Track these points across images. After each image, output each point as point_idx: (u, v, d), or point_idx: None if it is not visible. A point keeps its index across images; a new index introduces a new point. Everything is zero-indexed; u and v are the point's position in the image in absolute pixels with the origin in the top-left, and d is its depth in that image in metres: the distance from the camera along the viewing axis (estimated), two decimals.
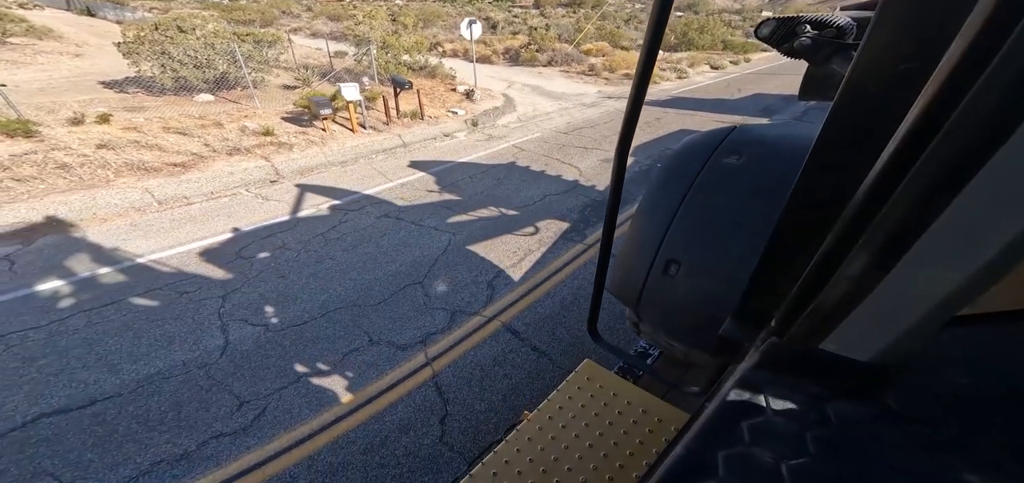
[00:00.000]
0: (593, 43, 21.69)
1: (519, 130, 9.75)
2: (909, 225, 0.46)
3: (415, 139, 8.77)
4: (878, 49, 0.59)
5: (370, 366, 3.28)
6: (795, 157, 1.47)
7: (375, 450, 2.67)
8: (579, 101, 12.81)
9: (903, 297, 0.50)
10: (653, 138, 8.95)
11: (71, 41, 17.42)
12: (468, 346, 3.47)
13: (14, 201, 4.83)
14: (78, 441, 2.63)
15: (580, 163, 7.44)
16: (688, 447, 0.57)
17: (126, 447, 2.61)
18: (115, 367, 3.13)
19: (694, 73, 17.82)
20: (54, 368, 3.10)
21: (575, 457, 1.34)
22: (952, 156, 0.40)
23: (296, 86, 11.00)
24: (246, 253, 4.66)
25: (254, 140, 7.20)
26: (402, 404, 2.98)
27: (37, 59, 12.85)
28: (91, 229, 4.92)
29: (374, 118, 9.32)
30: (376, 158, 7.82)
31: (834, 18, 1.23)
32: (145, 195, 5.42)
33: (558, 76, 17.12)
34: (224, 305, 3.84)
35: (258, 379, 3.12)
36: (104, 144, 5.88)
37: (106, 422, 2.74)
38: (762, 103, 12.25)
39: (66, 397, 2.89)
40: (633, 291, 1.72)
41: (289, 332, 3.57)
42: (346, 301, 3.94)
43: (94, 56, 14.98)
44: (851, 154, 0.65)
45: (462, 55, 21.25)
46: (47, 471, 2.45)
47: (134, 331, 3.48)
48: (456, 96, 12.15)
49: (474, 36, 11.53)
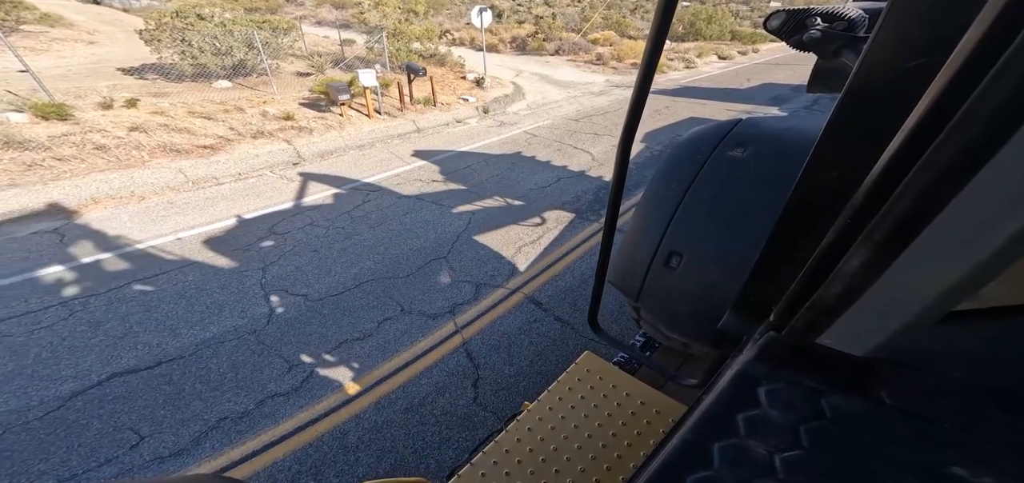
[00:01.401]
0: (600, 32, 21.67)
1: (530, 117, 9.91)
2: (910, 221, 0.46)
3: (429, 125, 8.95)
4: (887, 45, 0.59)
5: (404, 333, 3.52)
6: (801, 151, 1.51)
7: (415, 409, 2.90)
8: (587, 90, 12.91)
9: (900, 293, 0.51)
10: (664, 125, 9.10)
11: (82, 28, 17.56)
12: (494, 316, 3.71)
13: (58, 179, 5.09)
14: (150, 399, 2.88)
15: (592, 148, 7.63)
16: (684, 438, 0.59)
17: (194, 405, 2.86)
18: (174, 331, 3.39)
19: (702, 63, 17.83)
20: (118, 332, 3.36)
21: (574, 447, 1.37)
22: (955, 153, 0.40)
23: (309, 73, 11.17)
24: (279, 229, 4.91)
25: (276, 124, 7.41)
26: (436, 368, 3.22)
27: (53, 46, 13.03)
28: (131, 206, 5.17)
29: (387, 104, 9.50)
30: (392, 143, 8.02)
31: (845, 10, 1.21)
32: (178, 175, 5.66)
33: (566, 65, 17.17)
34: (264, 276, 4.10)
35: (304, 344, 3.37)
36: (136, 127, 6.11)
37: (173, 381, 3.00)
38: (772, 92, 12.32)
39: (134, 358, 3.15)
40: (635, 282, 1.72)
41: (327, 301, 3.82)
42: (376, 274, 4.19)
43: (107, 43, 15.15)
44: (856, 149, 0.65)
45: (468, 43, 21.29)
46: (127, 426, 2.70)
47: (187, 299, 3.74)
48: (466, 84, 12.28)
49: (484, 24, 11.63)
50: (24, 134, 5.49)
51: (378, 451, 2.64)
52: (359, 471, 2.52)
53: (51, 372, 3.01)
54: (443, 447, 2.66)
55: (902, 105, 0.49)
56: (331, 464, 2.55)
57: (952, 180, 0.41)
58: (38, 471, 2.41)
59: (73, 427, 2.66)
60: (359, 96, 8.95)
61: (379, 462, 2.58)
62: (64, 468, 2.44)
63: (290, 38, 10.75)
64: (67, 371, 3.02)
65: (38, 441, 2.57)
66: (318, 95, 8.94)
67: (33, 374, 2.99)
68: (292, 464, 2.54)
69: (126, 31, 18.99)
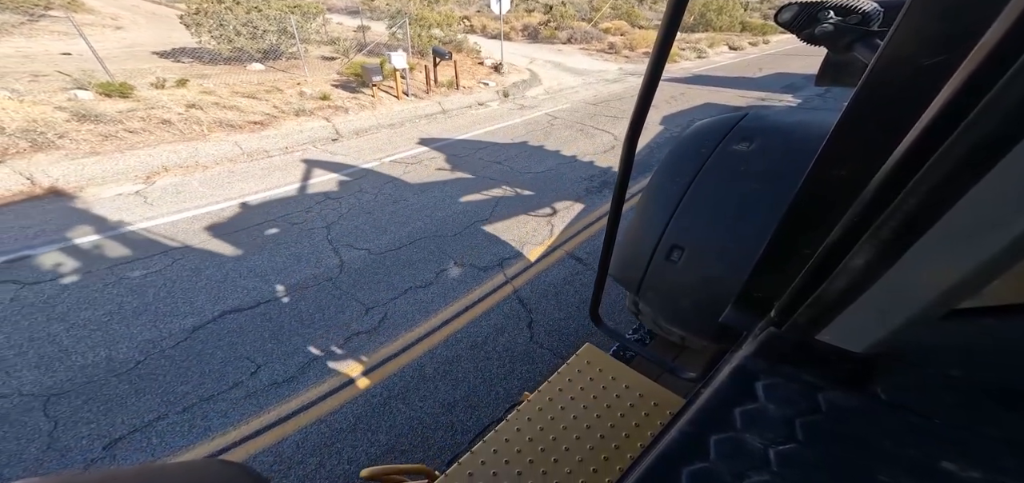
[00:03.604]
0: (611, 22, 21.87)
1: (549, 101, 10.28)
2: (919, 218, 0.45)
3: (453, 107, 9.35)
4: (905, 41, 0.58)
5: (460, 283, 3.97)
6: (807, 145, 1.44)
7: (479, 347, 3.30)
8: (601, 77, 13.23)
9: (903, 290, 0.50)
10: (681, 109, 9.48)
11: (104, 14, 17.90)
12: (539, 269, 4.16)
13: (133, 148, 5.56)
14: (257, 333, 3.31)
15: (613, 129, 8.03)
16: (682, 430, 0.59)
17: (293, 339, 3.29)
18: (264, 277, 3.86)
19: (713, 53, 18.07)
20: (218, 278, 3.83)
21: (573, 437, 1.39)
22: (970, 151, 0.39)
23: (333, 57, 11.55)
24: (332, 195, 5.36)
25: (314, 104, 7.84)
26: (493, 312, 3.66)
27: (84, 31, 13.39)
28: (197, 174, 5.64)
29: (413, 87, 9.89)
30: (420, 122, 8.44)
31: (859, 4, 1.19)
32: (235, 148, 6.12)
33: (578, 53, 17.43)
34: (329, 234, 4.55)
35: (375, 290, 3.82)
36: (192, 105, 6.56)
37: (272, 319, 3.45)
38: (785, 81, 12.64)
39: (236, 299, 3.61)
40: (635, 275, 1.72)
41: (387, 255, 4.27)
42: (427, 233, 4.64)
43: (133, 28, 15.52)
44: (868, 145, 0.64)
45: (480, 31, 21.51)
46: (244, 355, 3.13)
47: (268, 251, 4.21)
48: (484, 69, 12.63)
49: (503, 11, 11.97)
50: (97, 109, 5.95)
51: (452, 381, 3.02)
52: (439, 397, 2.90)
53: (170, 309, 3.48)
54: (508, 378, 3.05)
55: (918, 102, 0.49)
56: (415, 391, 2.93)
57: (964, 178, 0.40)
58: (182, 392, 2.83)
59: (201, 355, 3.10)
60: (388, 78, 9.35)
61: (454, 389, 2.96)
62: (201, 390, 2.85)
63: (317, 23, 11.11)
64: (184, 308, 3.49)
65: (176, 366, 3.01)
66: (348, 77, 9.35)
67: (156, 311, 3.46)
68: (382, 391, 2.93)
69: (146, 16, 19.35)
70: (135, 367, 2.97)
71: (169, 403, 2.75)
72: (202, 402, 2.77)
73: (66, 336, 3.18)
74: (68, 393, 2.77)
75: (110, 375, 2.91)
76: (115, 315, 3.38)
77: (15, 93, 6.18)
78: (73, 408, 2.68)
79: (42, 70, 8.09)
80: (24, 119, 5.45)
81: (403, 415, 2.78)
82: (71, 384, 2.83)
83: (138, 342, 3.16)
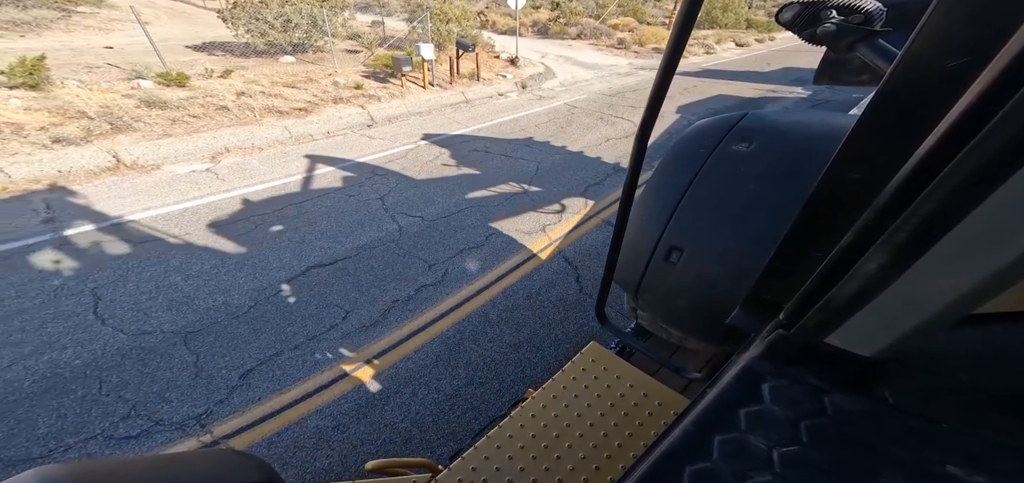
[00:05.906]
0: (619, 18, 22.26)
1: (565, 92, 10.73)
2: (935, 224, 0.44)
3: (476, 97, 9.81)
4: (928, 44, 0.55)
5: (508, 244, 4.42)
6: (807, 145, 1.48)
7: (534, 297, 3.74)
8: (613, 71, 13.66)
9: (915, 296, 0.50)
10: (696, 100, 9.94)
11: (125, 9, 18.38)
12: (580, 233, 4.62)
13: (198, 131, 6.05)
14: (340, 285, 3.77)
15: (632, 117, 8.48)
16: (686, 430, 0.59)
17: (371, 291, 3.73)
18: (337, 239, 4.33)
19: (721, 49, 18.47)
20: (296, 239, 4.31)
21: (576, 434, 1.39)
22: (990, 157, 0.38)
23: (358, 50, 12.01)
24: (379, 171, 5.84)
25: (349, 93, 8.32)
26: (543, 268, 4.11)
27: (114, 26, 13.90)
28: (255, 155, 6.13)
29: (437, 78, 10.35)
30: (446, 111, 8.90)
31: (862, 3, 1.18)
32: (284, 131, 6.60)
33: (588, 49, 17.84)
34: (384, 204, 5.03)
35: (433, 251, 4.28)
36: (242, 93, 7.04)
37: (350, 274, 3.90)
38: (793, 75, 13.05)
39: (317, 257, 4.08)
40: (634, 276, 1.71)
41: (438, 222, 4.73)
42: (471, 203, 5.11)
43: (158, 24, 15.98)
44: (887, 148, 0.63)
45: (490, 27, 21.93)
46: (333, 303, 3.58)
47: (333, 217, 4.69)
48: (500, 63, 13.08)
49: (518, 7, 12.48)
50: (162, 96, 6.44)
51: (515, 325, 3.44)
52: (505, 339, 3.29)
53: (265, 264, 3.96)
54: (565, 323, 3.47)
55: (939, 105, 0.48)
56: (483, 333, 3.35)
57: (983, 184, 0.39)
58: (290, 332, 3.27)
59: (299, 303, 3.55)
60: (415, 69, 9.82)
61: (518, 332, 3.36)
62: (304, 332, 3.27)
63: (343, 17, 11.58)
64: (275, 263, 3.97)
65: (281, 311, 3.46)
66: (375, 68, 9.81)
67: (254, 264, 3.94)
68: (456, 333, 3.35)
69: (167, 12, 19.80)
70: (248, 311, 3.44)
71: (283, 341, 3.21)
72: (309, 341, 3.22)
73: (185, 285, 3.66)
74: (199, 332, 3.24)
75: (230, 318, 3.38)
76: (220, 268, 3.87)
77: (83, 83, 6.67)
78: (206, 343, 3.15)
79: (92, 63, 8.57)
80: (98, 105, 5.93)
81: (476, 353, 3.19)
82: (200, 324, 3.31)
83: (246, 291, 3.64)
